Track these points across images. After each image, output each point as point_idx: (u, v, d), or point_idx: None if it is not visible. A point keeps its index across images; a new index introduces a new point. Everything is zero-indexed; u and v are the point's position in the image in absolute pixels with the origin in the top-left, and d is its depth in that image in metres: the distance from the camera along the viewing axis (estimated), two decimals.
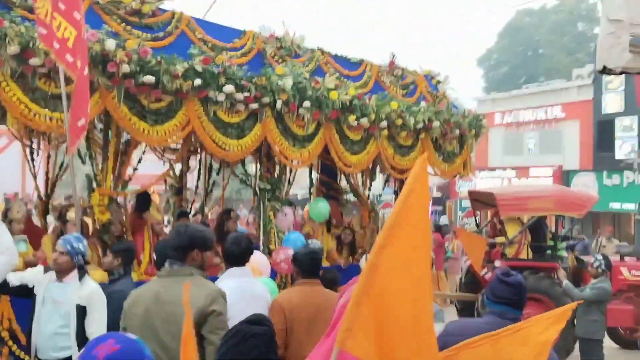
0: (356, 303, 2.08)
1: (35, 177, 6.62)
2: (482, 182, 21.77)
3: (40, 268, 4.09)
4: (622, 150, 22.00)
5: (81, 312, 3.86)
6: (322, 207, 6.92)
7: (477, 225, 10.75)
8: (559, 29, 45.83)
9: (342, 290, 2.66)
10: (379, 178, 8.38)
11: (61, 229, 5.38)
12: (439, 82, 7.79)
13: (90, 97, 4.53)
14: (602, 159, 22.13)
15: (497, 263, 9.26)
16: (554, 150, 22.97)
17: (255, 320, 2.19)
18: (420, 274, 2.14)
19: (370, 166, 7.38)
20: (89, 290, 3.94)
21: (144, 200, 6.61)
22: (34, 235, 5.41)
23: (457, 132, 7.43)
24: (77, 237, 4.04)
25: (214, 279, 3.67)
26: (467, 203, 16.20)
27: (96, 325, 3.90)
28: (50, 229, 6.05)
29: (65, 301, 3.87)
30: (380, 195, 8.29)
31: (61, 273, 3.93)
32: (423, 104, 7.12)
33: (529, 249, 9.40)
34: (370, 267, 2.09)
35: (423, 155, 2.28)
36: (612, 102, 22.61)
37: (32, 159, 6.62)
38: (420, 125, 6.88)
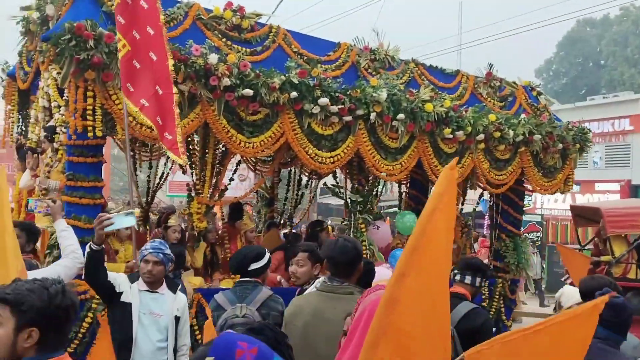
0: (373, 344, 1.88)
1: (137, 185, 6.95)
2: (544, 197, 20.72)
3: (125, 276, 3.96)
4: None
5: (176, 323, 3.85)
6: (410, 220, 6.76)
7: (579, 242, 10.19)
8: (622, 39, 43.85)
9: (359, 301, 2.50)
10: (472, 194, 8.12)
11: (163, 235, 5.59)
12: (539, 93, 7.44)
13: (192, 110, 4.72)
14: None
15: None
16: (622, 163, 21.68)
17: (257, 329, 1.96)
18: (442, 310, 1.96)
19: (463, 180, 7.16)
20: (184, 300, 3.95)
21: (236, 210, 6.78)
22: (138, 242, 5.64)
23: (560, 145, 7.05)
24: (163, 243, 3.98)
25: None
26: None
27: (187, 336, 3.93)
28: (150, 235, 6.31)
29: (164, 313, 3.79)
30: (474, 210, 8.01)
31: (155, 283, 3.82)
32: (523, 116, 6.83)
33: (638, 269, 8.80)
34: (388, 301, 1.89)
35: (450, 163, 2.03)
36: None
37: (135, 169, 6.95)
38: (519, 138, 6.59)
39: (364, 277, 3.23)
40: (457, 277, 3.80)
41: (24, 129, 5.99)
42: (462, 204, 8.04)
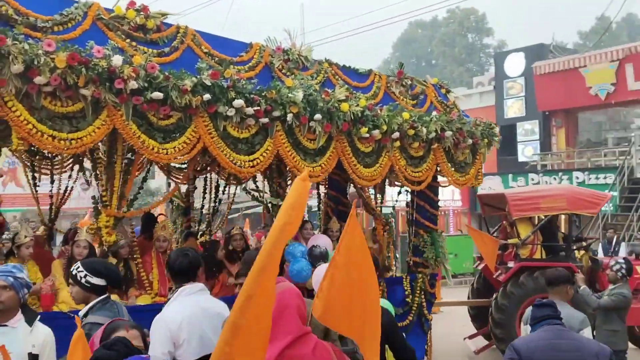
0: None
1: (38, 201, 6.43)
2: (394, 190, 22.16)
3: None
4: (525, 153, 24.10)
5: None
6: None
7: (488, 230, 10.63)
8: (449, 40, 48.37)
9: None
10: (390, 190, 8.22)
11: (71, 252, 5.20)
12: (448, 91, 7.63)
13: (97, 116, 4.39)
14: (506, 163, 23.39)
15: (511, 264, 9.17)
16: None
17: (109, 345, 2.21)
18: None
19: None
20: (44, 335, 3.31)
21: (148, 220, 6.45)
22: (42, 260, 5.22)
23: (470, 141, 7.26)
24: (17, 266, 3.40)
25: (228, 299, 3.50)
26: None
27: None
28: (56, 253, 5.85)
29: (14, 350, 3.12)
30: (394, 208, 8.09)
31: (4, 314, 3.19)
32: (434, 113, 6.96)
33: (542, 250, 9.29)
34: (232, 326, 1.93)
35: (302, 174, 2.18)
36: (513, 107, 24.54)
37: (35, 184, 6.44)
38: (432, 135, 6.71)
39: None
40: None
41: None
42: (382, 202, 8.11)
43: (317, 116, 5.59)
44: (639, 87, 19.50)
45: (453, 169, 7.28)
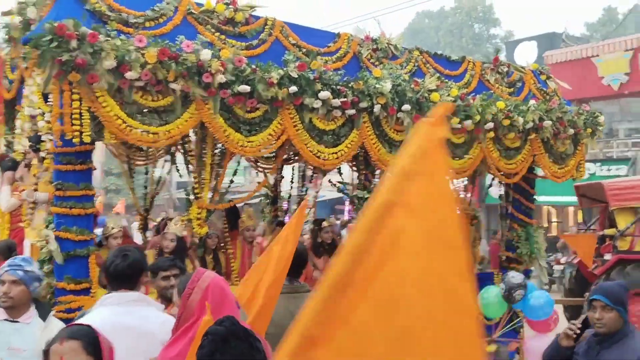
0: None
1: (134, 191, 6.67)
2: None
3: None
4: None
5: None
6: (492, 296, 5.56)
7: (585, 222, 10.02)
8: (457, 30, 47.46)
9: None
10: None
11: (160, 243, 5.33)
12: (548, 77, 7.14)
13: (186, 109, 4.45)
14: None
15: (608, 256, 8.60)
16: None
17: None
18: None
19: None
20: (58, 329, 2.92)
21: (232, 211, 6.50)
22: None
23: (572, 131, 6.76)
24: (26, 259, 3.31)
25: None
26: None
27: None
28: (148, 244, 6.04)
29: (28, 347, 2.97)
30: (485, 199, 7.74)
31: (15, 309, 3.07)
32: (532, 102, 6.53)
33: None
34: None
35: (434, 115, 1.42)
36: None
37: (132, 175, 6.68)
38: (529, 125, 6.30)
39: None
40: None
41: (11, 140, 5.71)
42: (472, 195, 7.78)
43: (406, 107, 5.38)
44: None
45: (551, 160, 6.82)
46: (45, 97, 4.24)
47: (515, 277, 5.22)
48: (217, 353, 1.68)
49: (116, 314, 2.70)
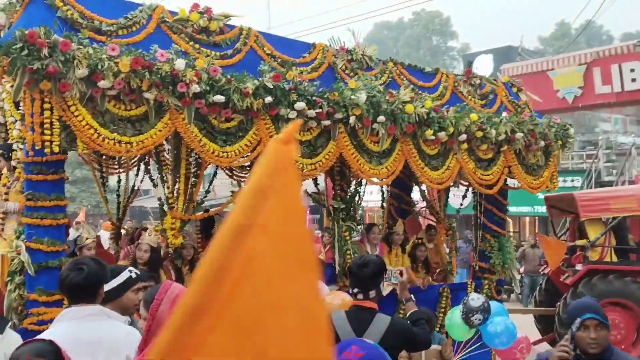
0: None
1: (106, 201, 6.58)
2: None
3: None
4: None
5: None
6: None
7: (555, 233, 10.18)
8: (415, 42, 48.85)
9: None
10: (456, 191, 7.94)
11: (134, 253, 5.26)
12: (520, 89, 7.28)
13: (160, 119, 4.41)
14: None
15: (579, 267, 8.74)
16: None
17: None
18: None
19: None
20: (16, 341, 2.87)
21: (207, 221, 6.45)
22: (104, 260, 5.30)
23: (542, 143, 6.89)
24: None
25: None
26: None
27: None
28: (121, 254, 5.96)
29: None
30: (459, 210, 7.82)
31: None
32: (504, 114, 6.64)
33: (612, 253, 8.83)
34: None
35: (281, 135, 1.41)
36: None
37: (103, 184, 6.59)
38: (502, 137, 6.40)
39: None
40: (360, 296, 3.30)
41: None
42: (446, 205, 7.85)
43: (381, 118, 5.42)
44: (606, 91, 18.67)
45: (524, 171, 6.93)
46: (17, 105, 4.16)
47: (474, 299, 4.81)
48: None
49: (77, 329, 2.61)
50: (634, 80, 18.03)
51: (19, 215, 4.27)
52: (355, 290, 3.18)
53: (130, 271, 3.15)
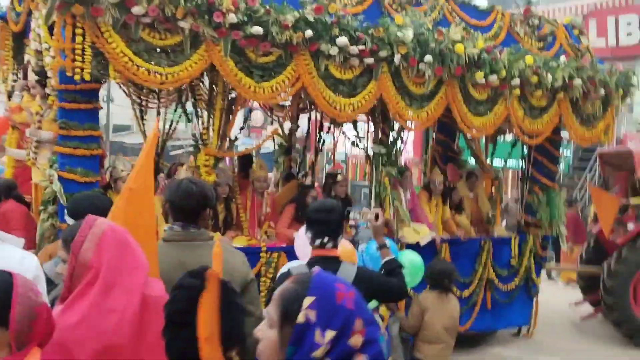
0: None
1: (145, 135, 6.53)
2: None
3: None
4: None
5: None
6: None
7: (607, 189, 9.68)
8: None
9: None
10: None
11: None
12: (581, 32, 6.75)
13: (195, 50, 4.24)
14: None
15: (630, 226, 8.32)
16: None
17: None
18: None
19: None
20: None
21: (245, 159, 6.33)
22: None
23: (602, 92, 6.42)
24: None
25: None
26: None
27: None
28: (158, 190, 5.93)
29: None
30: (506, 161, 7.48)
31: None
32: (563, 58, 6.18)
33: None
34: None
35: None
36: None
37: (142, 117, 6.53)
38: (558, 83, 5.98)
39: None
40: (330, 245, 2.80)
41: (19, 76, 5.57)
42: (492, 156, 7.52)
43: (428, 58, 5.10)
44: (601, 45, 17.27)
45: (579, 122, 6.52)
46: (50, 30, 4.06)
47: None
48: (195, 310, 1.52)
49: None
50: (629, 34, 16.98)
51: (53, 144, 4.23)
52: (326, 239, 2.78)
53: None
